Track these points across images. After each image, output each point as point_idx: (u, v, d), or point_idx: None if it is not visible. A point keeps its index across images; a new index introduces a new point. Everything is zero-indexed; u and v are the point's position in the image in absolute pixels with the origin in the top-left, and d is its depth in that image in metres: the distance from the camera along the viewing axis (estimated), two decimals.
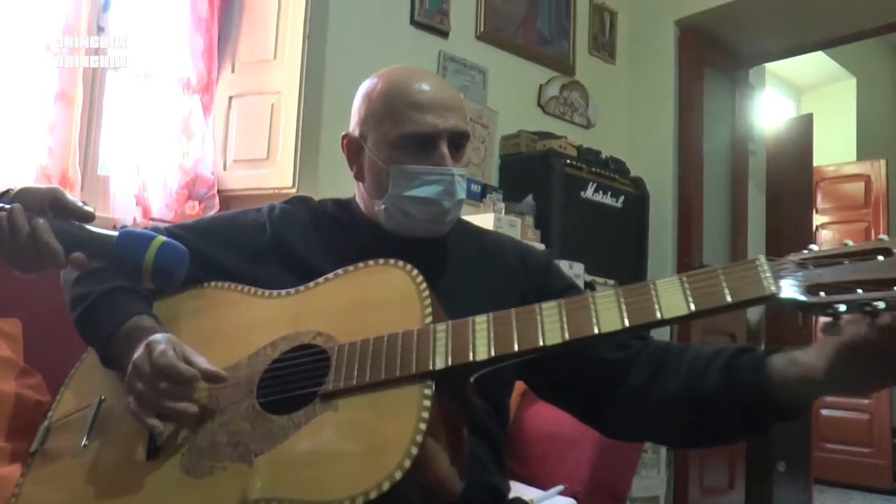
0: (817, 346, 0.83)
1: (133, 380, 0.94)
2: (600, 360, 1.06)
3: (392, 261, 1.00)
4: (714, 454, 3.34)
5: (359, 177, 1.19)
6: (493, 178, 3.07)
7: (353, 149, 1.18)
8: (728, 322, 3.48)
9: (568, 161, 2.96)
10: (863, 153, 5.58)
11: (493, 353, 0.85)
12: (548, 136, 3.11)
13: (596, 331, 0.81)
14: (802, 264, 0.76)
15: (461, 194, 1.12)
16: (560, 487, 1.85)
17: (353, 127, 1.18)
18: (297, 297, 1.05)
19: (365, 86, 1.18)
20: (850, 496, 4.64)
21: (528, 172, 2.97)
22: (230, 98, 2.58)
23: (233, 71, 2.60)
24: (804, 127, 4.74)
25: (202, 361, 0.96)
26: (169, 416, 0.93)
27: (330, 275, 1.04)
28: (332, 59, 2.61)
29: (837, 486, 4.73)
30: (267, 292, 1.08)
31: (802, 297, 0.74)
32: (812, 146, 4.63)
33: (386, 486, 0.76)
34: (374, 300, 0.97)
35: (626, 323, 0.80)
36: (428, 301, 0.93)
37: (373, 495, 0.75)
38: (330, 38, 2.62)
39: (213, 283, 1.13)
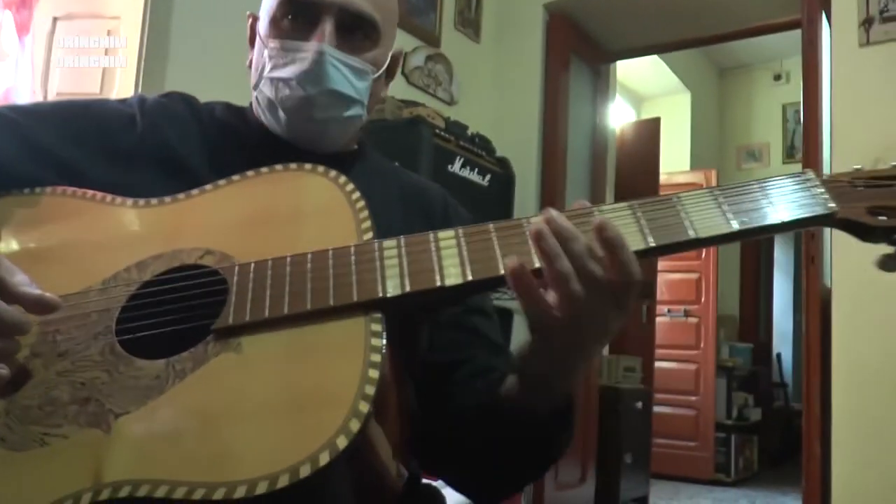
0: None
1: None
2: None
3: (308, 165, 0.78)
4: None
5: (250, 65, 0.94)
6: None
7: (252, 34, 0.95)
8: None
9: (437, 131, 2.75)
10: (695, 163, 5.86)
11: (469, 277, 0.65)
12: (414, 104, 2.89)
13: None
14: (853, 183, 0.67)
15: (335, 84, 0.86)
16: None
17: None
18: (174, 207, 0.77)
19: None
20: (677, 488, 4.81)
21: (394, 141, 2.73)
22: (54, 19, 2.17)
23: None
24: (652, 130, 4.87)
25: (22, 281, 0.65)
26: None
27: (221, 181, 0.78)
28: None
29: (666, 479, 4.87)
30: (129, 200, 0.79)
31: (865, 220, 0.64)
32: (659, 150, 4.77)
33: (324, 457, 0.53)
34: (287, 211, 0.75)
35: (651, 242, 0.65)
36: (365, 213, 0.72)
37: (304, 472, 0.53)
38: None
39: (50, 188, 0.81)
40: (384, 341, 0.61)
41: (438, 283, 0.65)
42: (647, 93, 6.19)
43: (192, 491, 0.54)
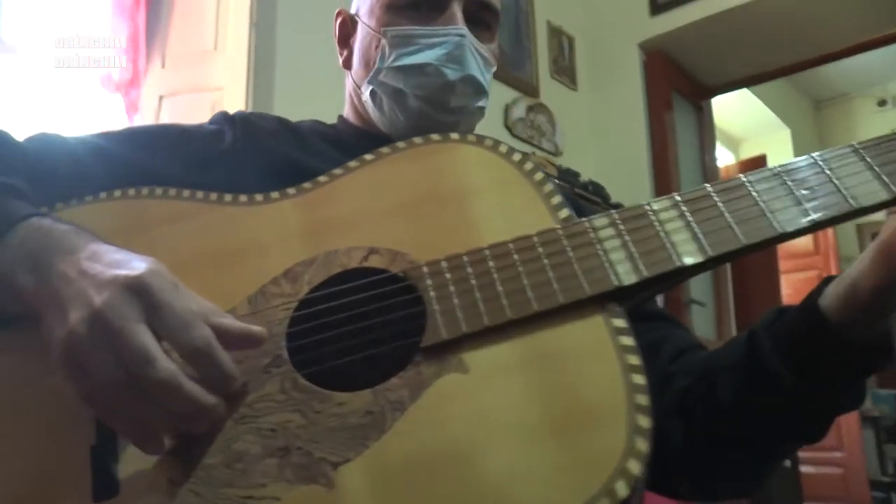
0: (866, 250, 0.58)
1: (87, 347, 0.48)
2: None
3: (454, 135, 0.66)
4: None
5: (347, 63, 0.89)
6: None
7: (344, 29, 0.90)
8: None
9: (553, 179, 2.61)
10: None
11: (710, 254, 0.54)
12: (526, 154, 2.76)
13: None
14: None
15: (474, 70, 0.80)
16: None
17: (352, 6, 0.90)
18: (304, 200, 0.64)
19: None
20: None
21: None
22: (160, 97, 2.16)
23: (163, 66, 2.20)
24: (758, 168, 4.61)
25: (215, 311, 0.53)
26: (185, 421, 0.50)
27: (352, 163, 0.65)
28: (284, 47, 2.17)
29: None
30: (242, 197, 0.65)
31: None
32: None
33: (621, 487, 0.44)
34: (450, 191, 0.62)
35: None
36: (550, 187, 0.61)
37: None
38: (280, 22, 2.19)
39: (133, 190, 0.66)
40: (634, 340, 0.51)
41: (678, 264, 0.54)
42: (743, 134, 5.95)
43: None
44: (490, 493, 0.46)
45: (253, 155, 0.77)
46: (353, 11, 0.89)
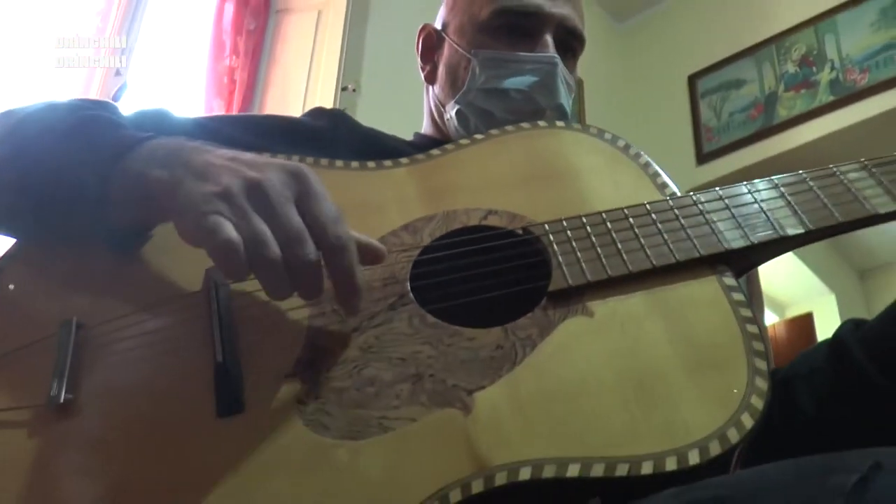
0: None
1: (240, 201, 0.48)
2: None
3: (560, 122, 0.73)
4: None
5: (430, 78, 0.91)
6: None
7: (429, 43, 0.92)
8: None
9: None
10: None
11: (810, 226, 0.59)
12: None
13: None
14: None
15: (563, 98, 0.83)
16: None
17: (436, 20, 0.92)
18: (417, 169, 0.69)
19: None
20: None
21: None
22: None
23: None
24: (804, 327, 4.60)
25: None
26: (314, 276, 0.50)
27: (463, 140, 0.71)
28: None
29: None
30: (355, 164, 0.69)
31: None
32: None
33: (747, 419, 0.47)
34: (563, 168, 0.68)
35: None
36: (653, 168, 0.67)
37: (733, 438, 0.46)
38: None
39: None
40: (744, 296, 0.55)
41: (787, 233, 0.59)
42: (788, 299, 5.93)
43: (589, 467, 0.46)
44: (622, 420, 0.48)
45: (354, 144, 0.79)
46: (438, 26, 0.91)
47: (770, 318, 5.75)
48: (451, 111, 0.85)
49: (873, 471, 0.36)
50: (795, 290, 5.82)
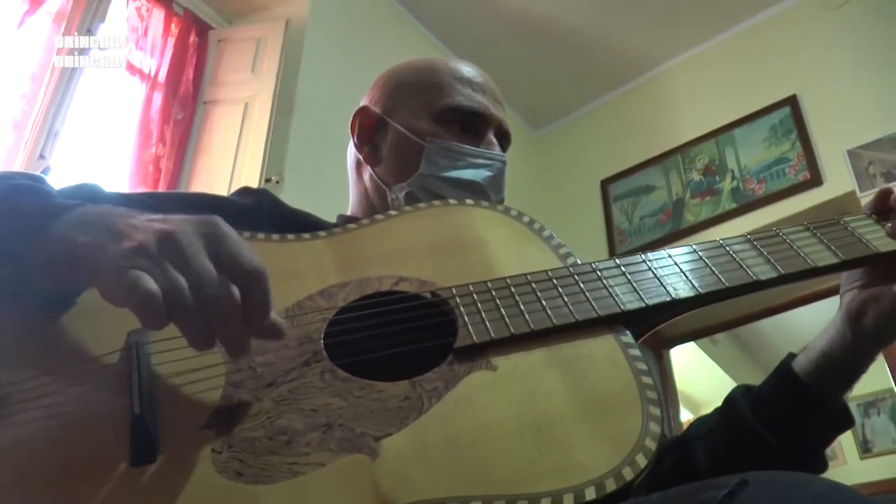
0: (828, 325, 0.73)
1: (153, 255, 0.50)
2: None
3: (469, 200, 0.78)
4: None
5: (371, 159, 0.94)
6: None
7: (368, 125, 0.95)
8: None
9: None
10: None
11: (700, 290, 0.65)
12: None
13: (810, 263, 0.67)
14: None
15: (504, 194, 0.91)
16: None
17: (372, 103, 0.97)
18: (334, 241, 0.73)
19: (387, 70, 1.00)
20: None
21: None
22: None
23: None
24: None
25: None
26: (232, 331, 0.51)
27: (378, 216, 0.76)
28: None
29: None
30: (276, 236, 0.73)
31: None
32: None
33: (640, 459, 0.51)
34: (470, 240, 0.73)
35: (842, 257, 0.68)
36: (557, 240, 0.72)
37: (627, 476, 0.49)
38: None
39: None
40: (640, 352, 0.59)
41: (679, 296, 0.64)
42: (702, 397, 6.10)
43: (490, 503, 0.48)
44: (522, 460, 0.50)
45: (277, 219, 0.82)
46: (377, 110, 0.95)
47: (685, 415, 5.88)
48: (398, 192, 0.90)
49: (740, 486, 0.41)
50: (708, 386, 6.00)
